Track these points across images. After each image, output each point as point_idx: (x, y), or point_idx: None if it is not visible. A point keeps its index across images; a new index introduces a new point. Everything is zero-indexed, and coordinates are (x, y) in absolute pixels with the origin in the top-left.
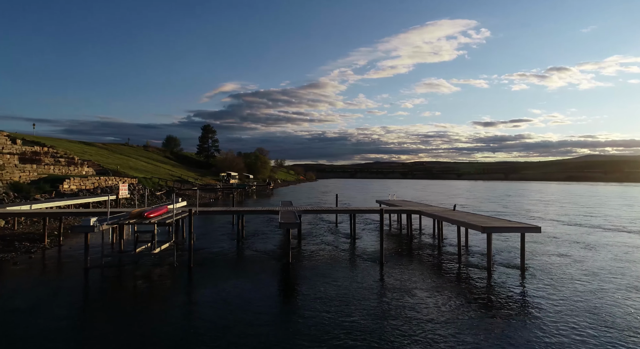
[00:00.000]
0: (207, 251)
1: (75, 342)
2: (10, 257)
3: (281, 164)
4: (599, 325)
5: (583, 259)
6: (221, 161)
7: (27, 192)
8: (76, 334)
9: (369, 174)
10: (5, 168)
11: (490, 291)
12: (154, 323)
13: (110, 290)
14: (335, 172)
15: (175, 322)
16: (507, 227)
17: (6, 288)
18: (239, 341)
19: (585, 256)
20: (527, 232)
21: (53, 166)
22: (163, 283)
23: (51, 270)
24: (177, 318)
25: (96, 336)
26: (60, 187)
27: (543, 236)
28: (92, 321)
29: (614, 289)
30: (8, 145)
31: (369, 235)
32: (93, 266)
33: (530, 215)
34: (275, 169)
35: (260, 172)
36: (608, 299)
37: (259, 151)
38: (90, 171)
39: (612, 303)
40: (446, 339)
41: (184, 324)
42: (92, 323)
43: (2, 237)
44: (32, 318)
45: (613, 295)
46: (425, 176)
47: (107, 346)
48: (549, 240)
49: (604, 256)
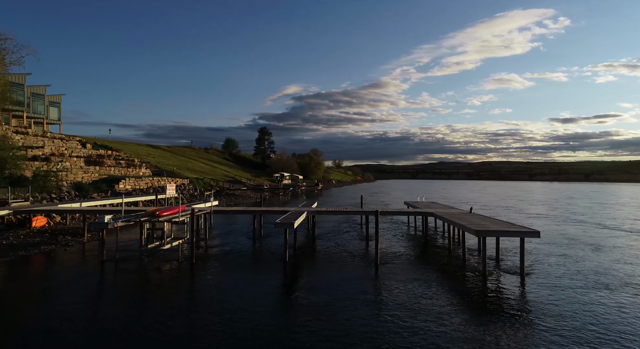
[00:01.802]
0: (219, 249)
1: (67, 319)
2: (49, 250)
3: (339, 164)
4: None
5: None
6: (275, 162)
7: (87, 191)
8: (69, 314)
9: (432, 174)
10: (71, 170)
11: (475, 296)
12: (138, 305)
13: (117, 280)
14: (396, 173)
15: (154, 307)
16: (503, 231)
17: (30, 275)
18: (210, 328)
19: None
20: (525, 236)
21: (114, 168)
22: (163, 276)
23: (75, 261)
24: (160, 305)
25: (85, 314)
26: (116, 187)
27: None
28: (89, 303)
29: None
30: (77, 149)
31: (386, 236)
32: (108, 259)
33: (578, 219)
34: (329, 170)
35: (314, 172)
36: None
37: (313, 152)
38: (147, 172)
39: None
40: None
41: (162, 310)
42: (89, 304)
43: (53, 231)
44: (42, 300)
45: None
46: (492, 177)
47: (95, 321)
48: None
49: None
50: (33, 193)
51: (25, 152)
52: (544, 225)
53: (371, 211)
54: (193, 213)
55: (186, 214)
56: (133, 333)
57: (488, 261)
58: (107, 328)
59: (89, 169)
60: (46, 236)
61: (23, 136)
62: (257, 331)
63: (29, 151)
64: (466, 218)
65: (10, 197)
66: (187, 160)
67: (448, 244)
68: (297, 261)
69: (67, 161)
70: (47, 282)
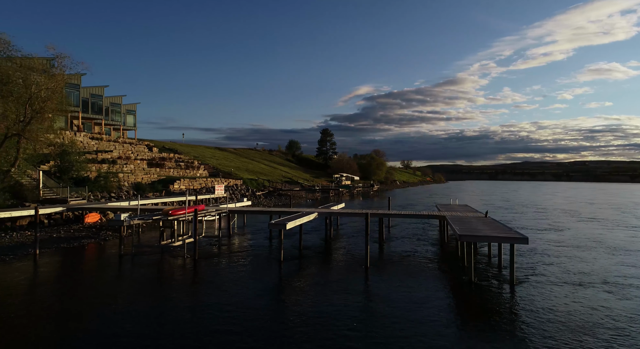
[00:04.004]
0: (233, 246)
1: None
2: (86, 243)
3: (408, 165)
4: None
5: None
6: (336, 163)
7: (144, 191)
8: (77, 291)
9: (513, 175)
10: (134, 171)
11: (457, 304)
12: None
13: (130, 270)
14: (473, 174)
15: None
16: (488, 237)
17: (58, 265)
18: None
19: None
20: (510, 242)
21: (173, 169)
22: (165, 270)
23: (100, 254)
24: (161, 293)
25: (86, 291)
26: (171, 187)
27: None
28: (99, 283)
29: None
30: (143, 152)
31: (396, 238)
32: (126, 253)
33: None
34: (392, 171)
35: (375, 173)
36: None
37: (375, 152)
38: (204, 173)
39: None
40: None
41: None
42: (98, 285)
43: (101, 227)
44: (60, 281)
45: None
46: (585, 179)
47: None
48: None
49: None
50: (94, 192)
51: (96, 155)
52: (594, 231)
53: (378, 213)
54: (196, 213)
55: (201, 215)
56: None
57: (483, 266)
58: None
59: (150, 171)
60: (93, 230)
61: (97, 142)
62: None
63: (99, 154)
64: (467, 222)
65: (73, 196)
66: (249, 162)
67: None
68: (298, 260)
69: (132, 164)
70: (69, 268)
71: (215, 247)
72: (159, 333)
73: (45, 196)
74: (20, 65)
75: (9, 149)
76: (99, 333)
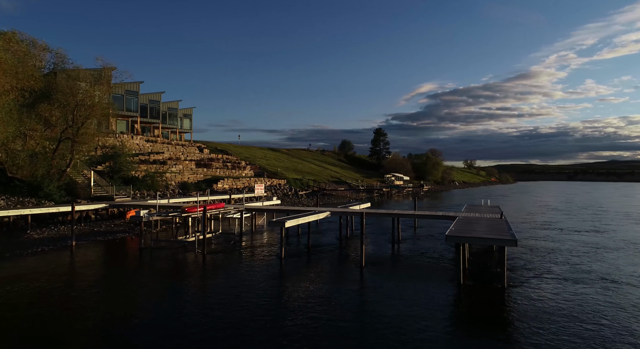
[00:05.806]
0: (247, 243)
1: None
2: (120, 237)
3: (471, 164)
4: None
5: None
6: (388, 163)
7: (189, 190)
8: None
9: (596, 176)
10: (183, 171)
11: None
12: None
13: (147, 262)
14: (549, 174)
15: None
16: (475, 238)
17: (89, 255)
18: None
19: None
20: (501, 244)
21: (219, 169)
22: (176, 261)
23: (126, 247)
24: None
25: (105, 278)
26: (214, 186)
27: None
28: (115, 271)
29: None
30: (193, 153)
31: (410, 238)
32: (146, 247)
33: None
34: (449, 171)
35: (430, 173)
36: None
37: (430, 152)
38: (250, 173)
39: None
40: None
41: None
42: (115, 272)
43: (139, 222)
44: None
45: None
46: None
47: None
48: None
49: None
50: (141, 191)
51: (148, 157)
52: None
53: (392, 213)
54: (205, 211)
55: (213, 212)
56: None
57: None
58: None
59: (197, 171)
60: (130, 226)
61: (152, 144)
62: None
63: (151, 156)
64: (470, 223)
65: (121, 193)
66: (299, 162)
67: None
68: (299, 258)
69: (180, 164)
70: (96, 259)
71: (230, 244)
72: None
73: (96, 194)
74: (69, 76)
75: (64, 151)
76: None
